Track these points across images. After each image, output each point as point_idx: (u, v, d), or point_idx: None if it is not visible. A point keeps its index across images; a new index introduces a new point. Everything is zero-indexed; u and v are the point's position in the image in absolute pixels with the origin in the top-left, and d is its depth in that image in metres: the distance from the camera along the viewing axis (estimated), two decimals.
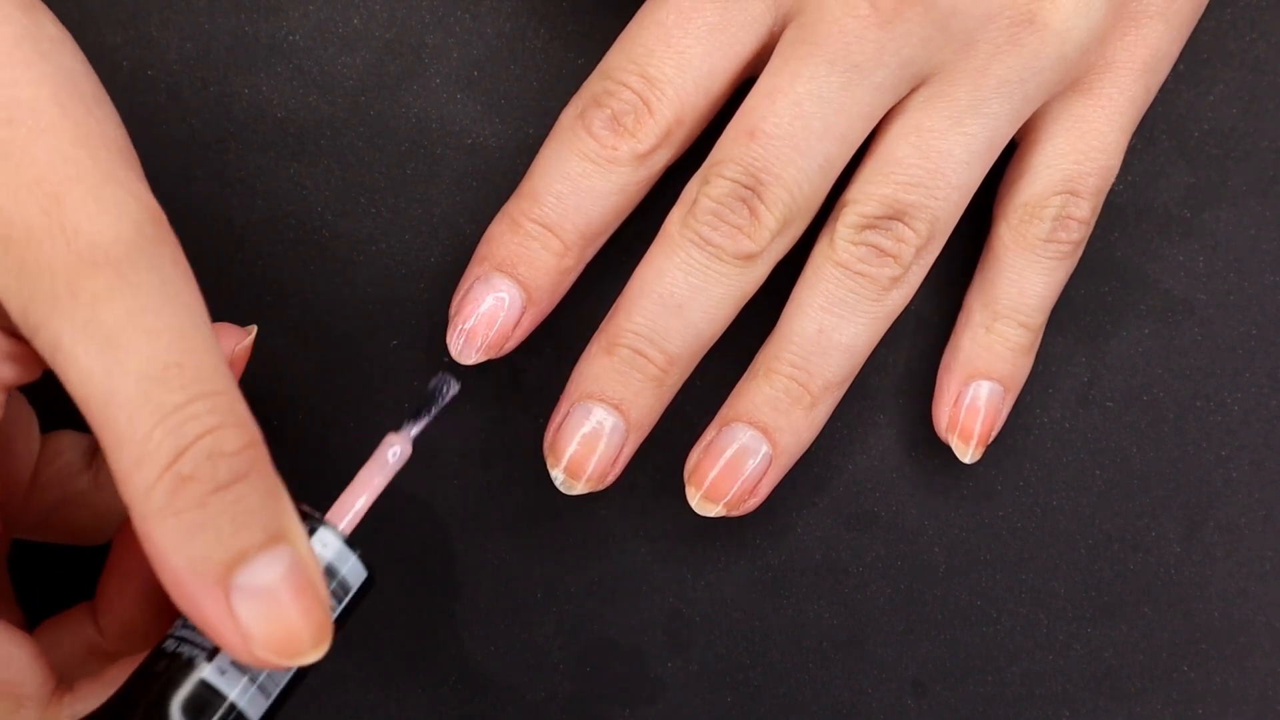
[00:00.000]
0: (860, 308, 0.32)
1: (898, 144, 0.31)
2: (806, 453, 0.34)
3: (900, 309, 0.33)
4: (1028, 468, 0.37)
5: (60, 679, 0.28)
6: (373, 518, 0.28)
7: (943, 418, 0.35)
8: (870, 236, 0.32)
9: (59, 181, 0.23)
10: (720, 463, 0.33)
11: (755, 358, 0.33)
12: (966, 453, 0.35)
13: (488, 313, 0.32)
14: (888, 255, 0.32)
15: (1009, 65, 0.30)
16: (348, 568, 0.26)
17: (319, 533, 0.26)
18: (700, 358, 0.32)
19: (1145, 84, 0.33)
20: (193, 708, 0.25)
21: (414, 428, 0.28)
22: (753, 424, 0.33)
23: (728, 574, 0.36)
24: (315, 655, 0.24)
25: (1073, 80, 0.32)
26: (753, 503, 0.33)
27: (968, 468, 0.36)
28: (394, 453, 0.28)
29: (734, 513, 0.33)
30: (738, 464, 0.33)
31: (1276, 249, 0.37)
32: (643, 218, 0.33)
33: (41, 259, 0.23)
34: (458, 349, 0.32)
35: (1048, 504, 0.37)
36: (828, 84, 0.30)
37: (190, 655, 0.25)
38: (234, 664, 0.25)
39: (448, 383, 0.29)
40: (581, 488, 0.32)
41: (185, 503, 0.23)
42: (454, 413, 0.34)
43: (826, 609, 0.37)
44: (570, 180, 0.31)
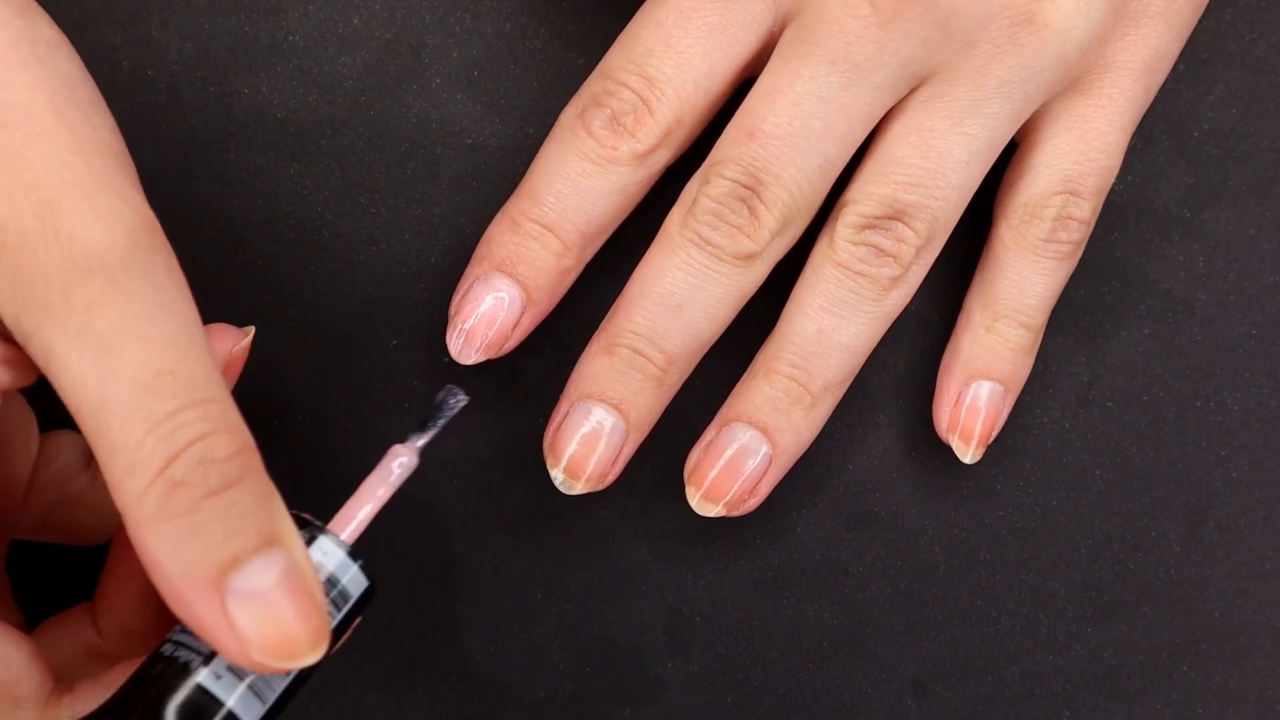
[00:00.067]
0: (860, 308, 0.32)
1: (897, 144, 0.31)
2: (806, 453, 0.34)
3: (900, 309, 0.33)
4: (1028, 468, 0.37)
5: (59, 680, 0.28)
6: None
7: (943, 418, 0.35)
8: (870, 236, 0.32)
9: (54, 187, 0.23)
10: (720, 463, 0.33)
11: (755, 358, 0.33)
12: (967, 453, 0.35)
13: (487, 312, 0.32)
14: (888, 255, 0.32)
15: (1009, 65, 0.30)
16: (349, 577, 0.26)
17: (320, 541, 0.26)
18: (700, 358, 0.32)
19: (1145, 84, 0.33)
20: (189, 713, 0.25)
21: (421, 439, 0.28)
22: (753, 424, 0.33)
23: (728, 574, 0.36)
24: (313, 657, 0.24)
25: (1073, 80, 0.32)
26: (753, 503, 0.33)
27: (968, 468, 0.36)
28: (400, 464, 0.27)
29: (734, 513, 0.33)
30: (738, 464, 0.33)
31: (1276, 249, 0.37)
32: (643, 218, 0.33)
33: (35, 265, 0.23)
34: (457, 349, 0.32)
35: (1048, 504, 0.37)
36: (827, 84, 0.30)
37: (187, 660, 0.25)
38: (230, 669, 0.25)
39: (455, 395, 0.29)
40: (581, 488, 0.32)
41: (177, 508, 0.23)
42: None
43: (826, 609, 0.37)
44: (570, 180, 0.31)
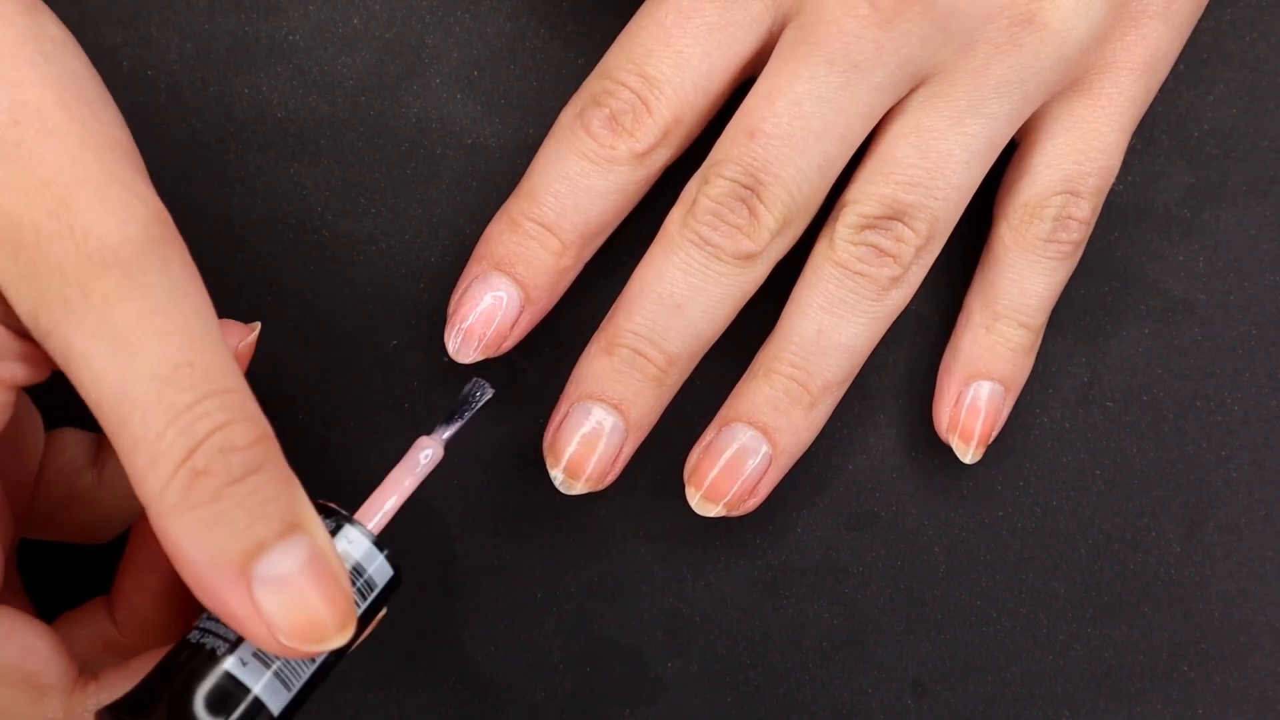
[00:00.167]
0: (860, 308, 0.32)
1: (897, 144, 0.31)
2: (806, 453, 0.34)
3: (900, 309, 0.33)
4: (1028, 468, 0.37)
5: (81, 670, 0.28)
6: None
7: (943, 418, 0.35)
8: (870, 236, 0.32)
9: (67, 184, 0.23)
10: (720, 463, 0.33)
11: (755, 358, 0.33)
12: (967, 453, 0.35)
13: (486, 311, 0.32)
14: (887, 255, 0.32)
15: (1008, 65, 0.30)
16: (375, 566, 0.27)
17: (346, 530, 0.27)
18: (700, 358, 0.32)
19: (1145, 84, 0.33)
20: (216, 699, 0.25)
21: (447, 431, 0.29)
22: (753, 424, 0.33)
23: (728, 574, 0.36)
24: (339, 640, 0.24)
25: (1072, 80, 0.32)
26: (753, 503, 0.33)
27: (968, 468, 0.36)
28: (426, 455, 0.28)
29: (734, 513, 0.33)
30: (738, 464, 0.33)
31: (1276, 249, 0.37)
32: (643, 218, 0.33)
33: (51, 261, 0.23)
34: (455, 347, 0.32)
35: (1048, 504, 0.37)
36: (827, 84, 0.30)
37: (214, 647, 0.26)
38: (257, 656, 0.25)
39: (482, 388, 0.29)
40: (581, 488, 0.32)
41: (200, 497, 0.23)
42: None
43: (826, 609, 0.37)
44: (569, 180, 0.31)
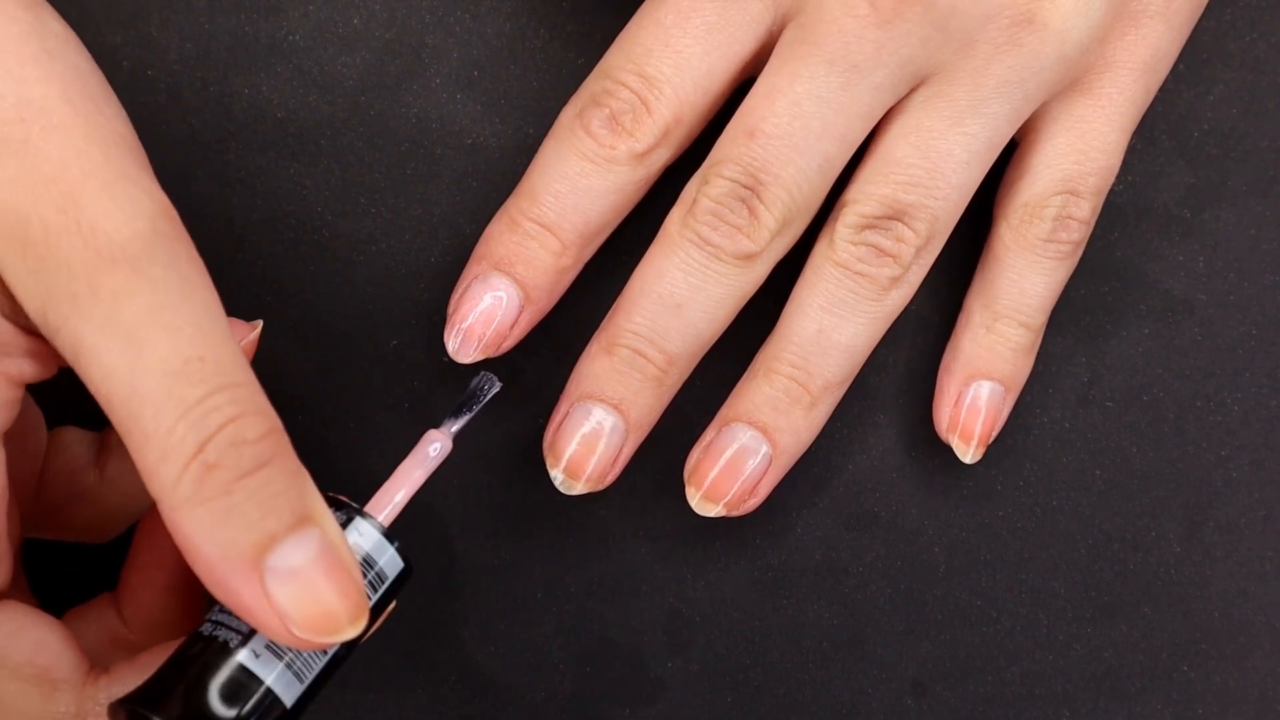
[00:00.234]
0: (860, 308, 0.32)
1: (897, 144, 0.31)
2: (806, 453, 0.34)
3: (900, 309, 0.33)
4: (1028, 468, 0.37)
5: (92, 664, 0.28)
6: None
7: (943, 418, 0.35)
8: (870, 236, 0.32)
9: (73, 179, 0.23)
10: (720, 463, 0.33)
11: (755, 358, 0.33)
12: (967, 453, 0.35)
13: (485, 311, 0.32)
14: (887, 255, 0.32)
15: (1008, 65, 0.30)
16: (385, 558, 0.27)
17: (357, 523, 0.27)
18: (700, 358, 0.32)
19: (1145, 84, 0.33)
20: (229, 691, 0.25)
21: (455, 424, 0.29)
22: (753, 424, 0.33)
23: (728, 574, 0.36)
24: (352, 632, 0.24)
25: (1072, 80, 0.32)
26: (753, 503, 0.33)
27: (968, 468, 0.36)
28: (435, 448, 0.28)
29: (734, 513, 0.33)
30: (738, 464, 0.33)
31: (1276, 249, 0.37)
32: (642, 218, 0.33)
33: (60, 257, 0.23)
34: (455, 347, 0.32)
35: (1048, 504, 0.37)
36: (826, 84, 0.30)
37: (226, 639, 0.26)
38: (269, 648, 0.26)
39: (490, 381, 0.29)
40: (581, 488, 0.32)
41: (212, 491, 0.23)
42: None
43: (826, 609, 0.37)
44: (569, 179, 0.31)
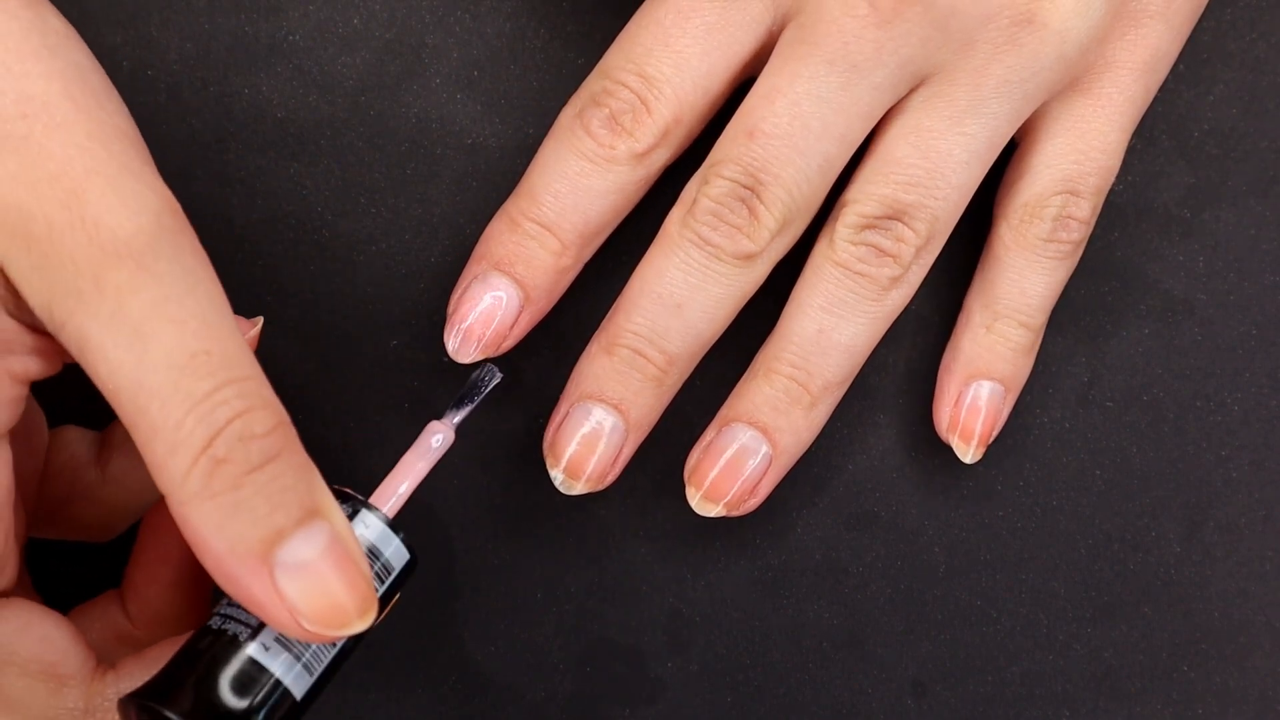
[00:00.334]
0: (860, 308, 0.32)
1: (897, 144, 0.31)
2: (806, 453, 0.34)
3: (900, 309, 0.33)
4: (1028, 468, 0.37)
5: (99, 660, 0.28)
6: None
7: (943, 418, 0.35)
8: (870, 236, 0.32)
9: (77, 175, 0.23)
10: (720, 463, 0.33)
11: (755, 358, 0.33)
12: (967, 453, 0.35)
13: (485, 311, 0.32)
14: (887, 255, 0.32)
15: (1008, 65, 0.30)
16: (391, 550, 0.27)
17: (362, 515, 0.27)
18: (700, 358, 0.32)
19: (1145, 84, 0.33)
20: (239, 684, 0.25)
21: (457, 415, 0.29)
22: (753, 424, 0.33)
23: (728, 574, 0.36)
24: (361, 625, 0.25)
25: (1072, 80, 0.32)
26: (753, 503, 0.33)
27: (968, 468, 0.36)
28: (437, 439, 0.28)
29: (734, 513, 0.33)
30: (738, 464, 0.33)
31: (1276, 249, 0.37)
32: (642, 218, 0.33)
33: (64, 253, 0.23)
34: (454, 347, 0.32)
35: (1048, 504, 0.37)
36: (826, 84, 0.30)
37: (235, 632, 0.26)
38: (278, 641, 0.26)
39: (491, 372, 0.30)
40: (581, 488, 0.32)
41: (221, 485, 0.23)
42: None
43: (826, 609, 0.37)
44: (568, 179, 0.31)
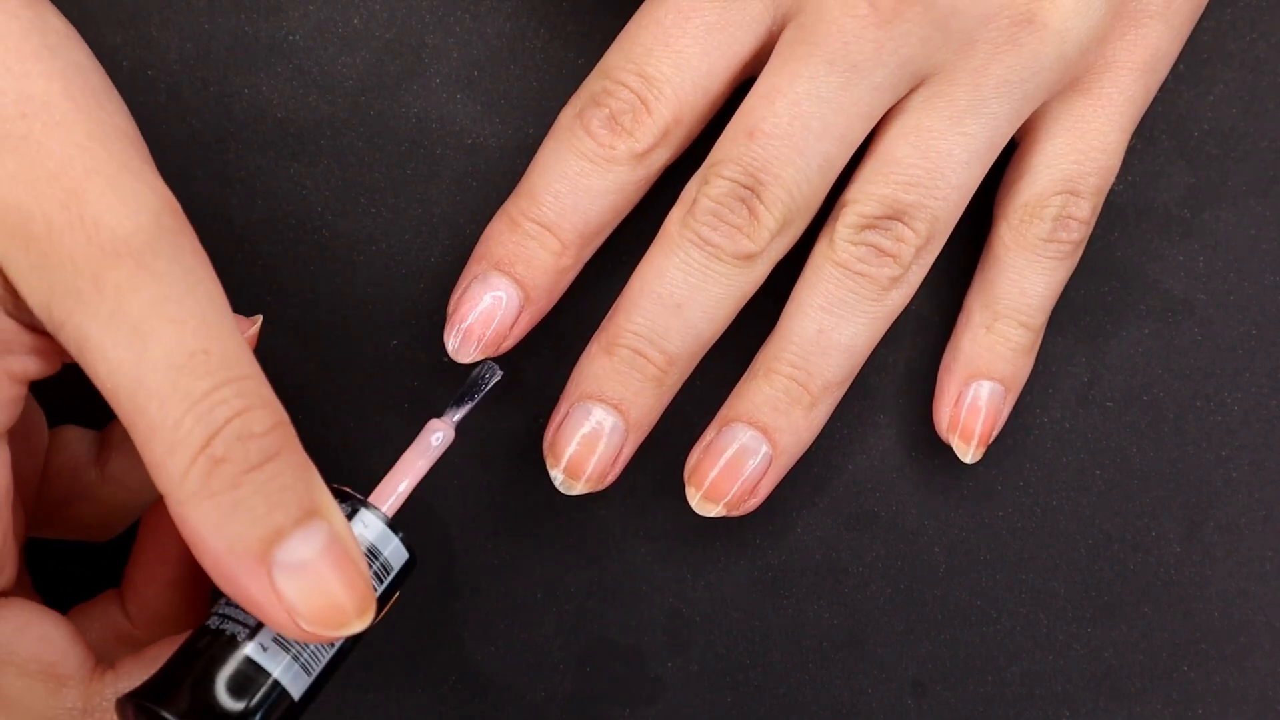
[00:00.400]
0: (860, 308, 0.32)
1: (897, 144, 0.31)
2: (806, 453, 0.34)
3: (900, 309, 0.33)
4: (1028, 468, 0.37)
5: (98, 660, 0.28)
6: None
7: (944, 418, 0.35)
8: (870, 236, 0.32)
9: (76, 175, 0.23)
10: (720, 463, 0.33)
11: (755, 358, 0.33)
12: (967, 453, 0.35)
13: (485, 311, 0.32)
14: (887, 255, 0.32)
15: (1008, 65, 0.30)
16: (390, 549, 0.27)
17: (361, 514, 0.27)
18: (700, 358, 0.32)
19: (1145, 84, 0.33)
20: (237, 684, 0.25)
21: (457, 413, 0.29)
22: (753, 424, 0.33)
23: (728, 574, 0.36)
24: (360, 625, 0.25)
25: (1072, 80, 0.32)
26: (753, 503, 0.33)
27: (968, 468, 0.36)
28: (437, 438, 0.28)
29: (734, 513, 0.33)
30: (738, 464, 0.33)
31: (1276, 249, 0.37)
32: (642, 218, 0.33)
33: (63, 252, 0.23)
34: (454, 347, 0.32)
35: (1048, 504, 0.37)
36: (826, 84, 0.30)
37: (234, 633, 0.26)
38: (276, 641, 0.26)
39: (491, 370, 0.30)
40: (581, 488, 0.32)
41: (219, 485, 0.23)
42: None
43: (826, 609, 0.37)
44: (568, 179, 0.31)
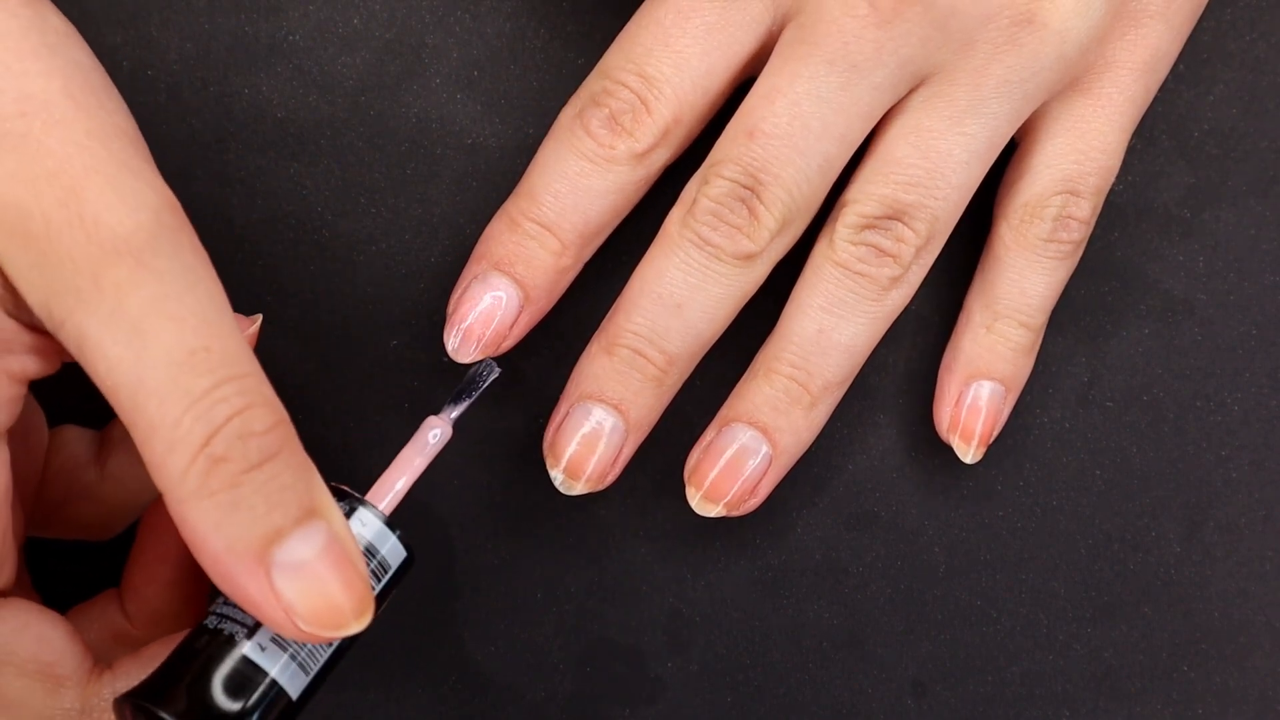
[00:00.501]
0: (860, 308, 0.32)
1: (897, 144, 0.31)
2: (806, 453, 0.34)
3: (900, 309, 0.33)
4: (1028, 468, 0.37)
5: (96, 660, 0.28)
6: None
7: (944, 418, 0.35)
8: (870, 236, 0.32)
9: (76, 173, 0.23)
10: (720, 463, 0.33)
11: (755, 358, 0.33)
12: (968, 453, 0.35)
13: (485, 311, 0.32)
14: (887, 255, 0.32)
15: (1008, 65, 0.30)
16: (387, 547, 0.27)
17: (359, 512, 0.27)
18: (700, 358, 0.32)
19: (1145, 84, 0.33)
20: (234, 684, 0.25)
21: (455, 410, 0.29)
22: (753, 424, 0.33)
23: (728, 574, 0.36)
24: (358, 626, 0.25)
25: (1072, 80, 0.32)
26: (753, 503, 0.33)
27: (968, 468, 0.36)
28: (434, 435, 0.28)
29: (734, 513, 0.33)
30: (738, 464, 0.33)
31: (1276, 249, 0.37)
32: (642, 218, 0.33)
33: (62, 251, 0.23)
34: (454, 347, 0.32)
35: (1048, 504, 0.37)
36: (826, 84, 0.30)
37: (231, 632, 0.26)
38: (274, 641, 0.26)
39: (489, 367, 0.30)
40: (581, 488, 0.32)
41: (219, 484, 0.23)
42: None
43: (826, 609, 0.37)
44: (568, 179, 0.31)
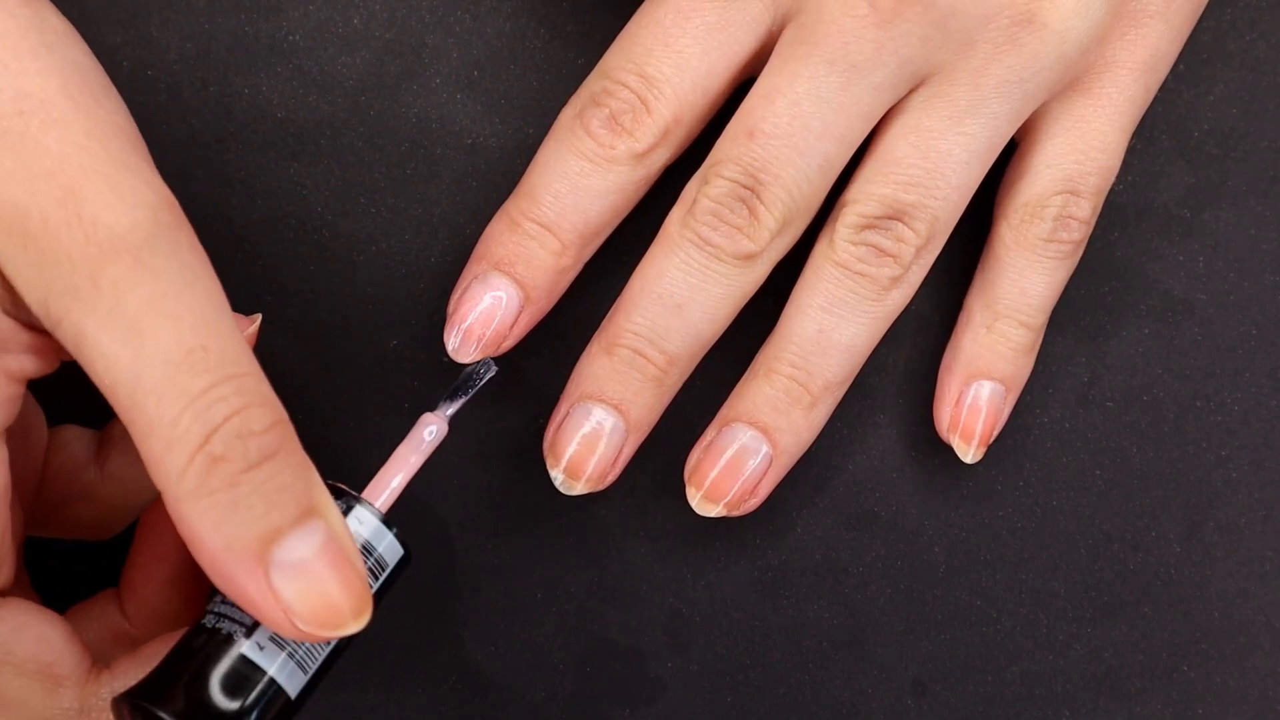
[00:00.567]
0: (860, 308, 0.32)
1: (897, 144, 0.31)
2: (806, 453, 0.34)
3: (900, 309, 0.33)
4: (1028, 468, 0.37)
5: (94, 659, 0.28)
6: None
7: (944, 418, 0.35)
8: (870, 236, 0.32)
9: (73, 172, 0.23)
10: (720, 463, 0.33)
11: (755, 358, 0.33)
12: (968, 453, 0.35)
13: (485, 311, 0.32)
14: (887, 255, 0.32)
15: (1008, 65, 0.30)
16: (384, 545, 0.27)
17: (355, 510, 0.27)
18: (700, 358, 0.32)
19: (1145, 84, 0.33)
20: (232, 683, 0.25)
21: (451, 408, 0.29)
22: (753, 424, 0.33)
23: (728, 574, 0.36)
24: (357, 626, 0.25)
25: (1072, 80, 0.32)
26: (753, 503, 0.33)
27: (968, 468, 0.36)
28: (430, 432, 0.28)
29: (734, 513, 0.33)
30: (738, 464, 0.33)
31: (1276, 249, 0.37)
32: (642, 218, 0.33)
33: (60, 250, 0.23)
34: (454, 347, 0.32)
35: (1048, 504, 0.37)
36: (826, 84, 0.30)
37: (230, 631, 0.26)
38: (272, 639, 0.26)
39: (486, 364, 0.30)
40: (581, 488, 0.32)
41: (218, 483, 0.23)
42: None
43: (826, 609, 0.37)
44: (568, 179, 0.31)
